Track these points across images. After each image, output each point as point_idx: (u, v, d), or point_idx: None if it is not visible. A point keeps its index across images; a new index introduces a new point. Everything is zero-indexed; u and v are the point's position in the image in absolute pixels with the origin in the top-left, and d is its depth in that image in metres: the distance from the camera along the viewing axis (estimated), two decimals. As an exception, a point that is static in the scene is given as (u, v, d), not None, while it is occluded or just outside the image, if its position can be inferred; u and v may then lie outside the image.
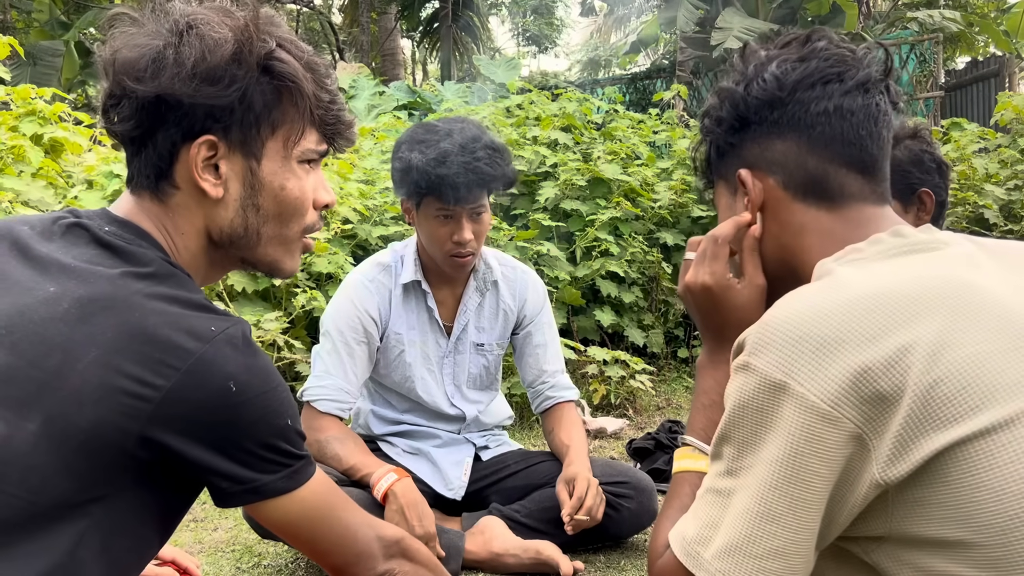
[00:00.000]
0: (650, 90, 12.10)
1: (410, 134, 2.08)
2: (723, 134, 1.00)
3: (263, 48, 0.93)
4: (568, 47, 28.57)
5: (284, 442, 0.92)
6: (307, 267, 3.42)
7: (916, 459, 0.73)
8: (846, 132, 0.93)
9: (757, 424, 0.79)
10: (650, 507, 2.16)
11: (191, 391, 0.83)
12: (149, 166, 0.94)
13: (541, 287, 2.35)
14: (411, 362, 2.21)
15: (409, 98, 9.77)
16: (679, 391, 4.27)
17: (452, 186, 1.97)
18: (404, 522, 1.91)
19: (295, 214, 1.00)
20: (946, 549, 0.74)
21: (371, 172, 4.60)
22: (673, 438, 2.78)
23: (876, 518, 0.77)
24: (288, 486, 0.93)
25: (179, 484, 0.91)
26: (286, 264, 1.04)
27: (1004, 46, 10.07)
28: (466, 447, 2.29)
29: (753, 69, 0.97)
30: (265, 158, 0.96)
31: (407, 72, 21.61)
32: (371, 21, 17.23)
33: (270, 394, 0.89)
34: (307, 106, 0.97)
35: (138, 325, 0.83)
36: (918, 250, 0.86)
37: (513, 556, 2.02)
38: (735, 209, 1.01)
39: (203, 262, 0.99)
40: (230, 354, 0.86)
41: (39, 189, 3.18)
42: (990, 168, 5.12)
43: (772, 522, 0.77)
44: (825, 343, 0.76)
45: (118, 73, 0.92)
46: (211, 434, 0.86)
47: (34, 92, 3.68)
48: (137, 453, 0.83)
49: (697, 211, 4.72)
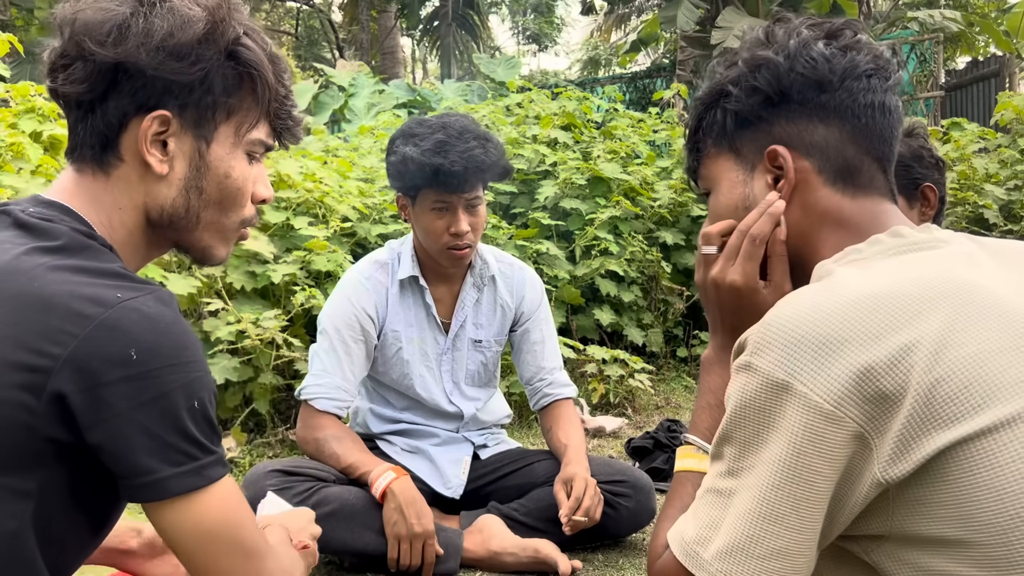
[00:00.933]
0: (650, 89, 12.10)
1: (403, 129, 2.10)
2: (754, 105, 0.95)
3: (233, 32, 0.93)
4: (568, 46, 28.57)
5: (193, 427, 0.82)
6: (306, 265, 3.41)
7: (918, 458, 0.73)
8: (883, 128, 0.93)
9: (759, 424, 0.78)
10: (648, 506, 2.16)
11: (88, 360, 0.77)
12: (95, 134, 0.91)
13: (539, 284, 2.36)
14: (409, 359, 2.21)
15: (409, 96, 9.77)
16: (678, 390, 4.27)
17: (449, 174, 1.98)
18: (403, 520, 1.91)
19: (235, 203, 0.99)
20: (946, 548, 0.73)
21: (370, 170, 4.59)
22: (672, 437, 2.78)
23: (876, 517, 0.77)
24: (193, 483, 0.82)
25: (97, 467, 0.83)
26: (219, 252, 1.02)
27: (1004, 46, 10.06)
28: (465, 445, 2.29)
29: (795, 45, 0.93)
30: (215, 142, 0.95)
31: (407, 70, 21.59)
32: (371, 19, 17.23)
33: (180, 368, 0.81)
34: (266, 97, 0.97)
35: (36, 295, 0.78)
36: (917, 249, 0.86)
37: (511, 555, 2.02)
38: (751, 185, 0.97)
39: (139, 239, 0.96)
40: (135, 319, 0.79)
41: (38, 186, 3.17)
42: (990, 168, 5.12)
43: (775, 522, 0.76)
44: (827, 343, 0.75)
45: (78, 33, 0.88)
46: (108, 411, 0.78)
47: (33, 89, 3.68)
48: (47, 433, 0.78)
49: (697, 210, 4.72)
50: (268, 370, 3.12)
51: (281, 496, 1.50)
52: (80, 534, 0.89)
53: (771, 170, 0.95)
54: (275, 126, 1.00)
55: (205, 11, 0.91)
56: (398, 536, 1.91)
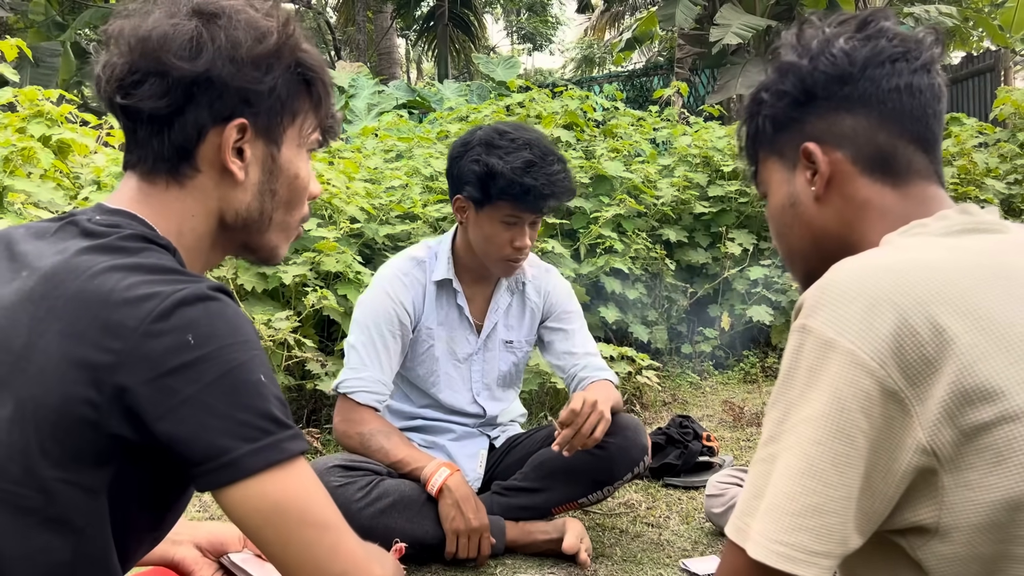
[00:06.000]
0: (647, 87, 12.12)
1: (481, 137, 2.10)
2: (785, 108, 1.00)
3: (298, 41, 0.97)
4: (562, 44, 28.56)
5: (262, 403, 0.81)
6: (315, 266, 3.43)
7: (964, 425, 0.74)
8: (915, 109, 0.95)
9: (805, 384, 0.80)
10: (638, 441, 2.14)
11: (147, 351, 0.78)
12: (171, 147, 0.92)
13: (564, 282, 2.39)
14: (439, 356, 2.24)
15: (408, 96, 9.78)
16: (684, 386, 4.29)
17: (538, 196, 2.03)
18: (460, 516, 1.98)
19: (300, 202, 1.03)
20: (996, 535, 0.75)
21: (375, 172, 4.61)
22: (684, 433, 2.81)
23: (926, 503, 0.78)
24: (272, 458, 0.80)
25: (164, 464, 0.83)
26: (283, 250, 1.05)
27: (1000, 39, 10.11)
28: (480, 439, 2.32)
29: (818, 45, 0.98)
30: (284, 145, 0.99)
31: (402, 71, 21.58)
32: (367, 20, 17.22)
33: (238, 347, 0.81)
34: (320, 100, 1.01)
35: (94, 292, 0.80)
36: (982, 230, 0.88)
37: (543, 532, 2.12)
38: (793, 183, 1.01)
39: (207, 244, 0.98)
40: (189, 307, 0.80)
41: (49, 191, 3.19)
42: (990, 162, 5.15)
43: (813, 478, 0.77)
44: (877, 302, 0.77)
45: (156, 49, 0.89)
46: (174, 398, 0.78)
47: (41, 93, 3.69)
48: (113, 430, 0.78)
49: (699, 207, 4.75)
50: (280, 370, 3.14)
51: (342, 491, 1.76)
52: (142, 531, 0.90)
53: (807, 166, 0.99)
54: (323, 125, 1.04)
55: (276, 22, 0.95)
56: (456, 531, 1.99)
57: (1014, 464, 0.74)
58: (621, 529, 2.32)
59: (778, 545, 0.78)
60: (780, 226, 1.06)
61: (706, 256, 4.72)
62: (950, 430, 0.75)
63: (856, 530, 0.79)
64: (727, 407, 3.71)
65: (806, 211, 1.00)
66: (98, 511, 0.81)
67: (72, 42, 11.44)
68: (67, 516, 0.80)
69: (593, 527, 2.33)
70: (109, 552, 0.84)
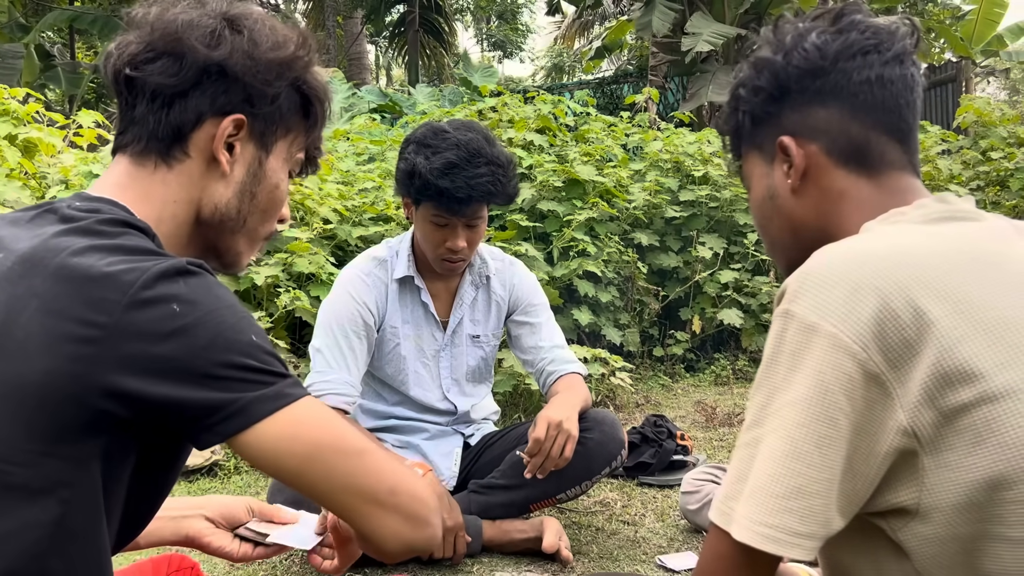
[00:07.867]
0: (617, 94, 12.19)
1: (419, 135, 2.08)
2: (761, 103, 1.02)
3: (309, 61, 1.01)
4: (532, 52, 28.67)
5: (254, 360, 0.83)
6: (288, 267, 3.41)
7: (944, 407, 0.76)
8: (887, 100, 0.97)
9: (788, 368, 0.80)
10: (615, 435, 2.15)
11: (135, 322, 0.79)
12: (167, 126, 0.94)
13: (529, 274, 2.38)
14: (406, 355, 2.23)
15: (381, 101, 9.76)
16: (656, 388, 4.32)
17: (452, 199, 2.00)
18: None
19: (274, 214, 1.05)
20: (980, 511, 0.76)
21: (347, 174, 4.60)
22: (658, 431, 2.83)
23: (906, 485, 0.79)
24: (277, 404, 0.83)
25: (159, 437, 0.85)
26: (245, 259, 1.06)
27: (962, 50, 10.31)
28: (455, 438, 2.31)
29: (791, 40, 1.00)
30: (272, 154, 1.01)
31: (372, 77, 21.53)
32: (336, 25, 17.16)
33: (223, 311, 0.83)
34: (315, 123, 1.05)
35: (74, 269, 0.80)
36: (959, 218, 0.90)
37: (520, 531, 2.12)
38: (772, 177, 1.03)
39: (184, 235, 0.98)
40: (172, 278, 0.82)
41: (15, 189, 3.14)
42: (953, 169, 5.26)
43: (797, 459, 0.78)
44: (858, 287, 0.79)
45: (180, 31, 0.93)
46: (168, 364, 0.79)
47: (7, 92, 3.63)
48: (100, 405, 0.79)
49: (671, 212, 4.79)
50: (252, 372, 3.10)
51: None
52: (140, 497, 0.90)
53: (783, 159, 1.01)
54: (310, 150, 1.07)
55: (296, 35, 1.00)
56: None
57: (993, 444, 0.76)
58: (597, 527, 2.33)
59: (763, 527, 0.79)
60: (761, 219, 1.08)
61: (677, 260, 4.76)
62: (930, 412, 0.76)
63: (838, 512, 0.80)
64: (699, 408, 3.74)
65: (784, 203, 1.02)
66: (87, 482, 0.81)
67: (36, 44, 11.26)
68: (53, 490, 0.80)
69: (569, 525, 2.33)
70: (99, 526, 0.83)
